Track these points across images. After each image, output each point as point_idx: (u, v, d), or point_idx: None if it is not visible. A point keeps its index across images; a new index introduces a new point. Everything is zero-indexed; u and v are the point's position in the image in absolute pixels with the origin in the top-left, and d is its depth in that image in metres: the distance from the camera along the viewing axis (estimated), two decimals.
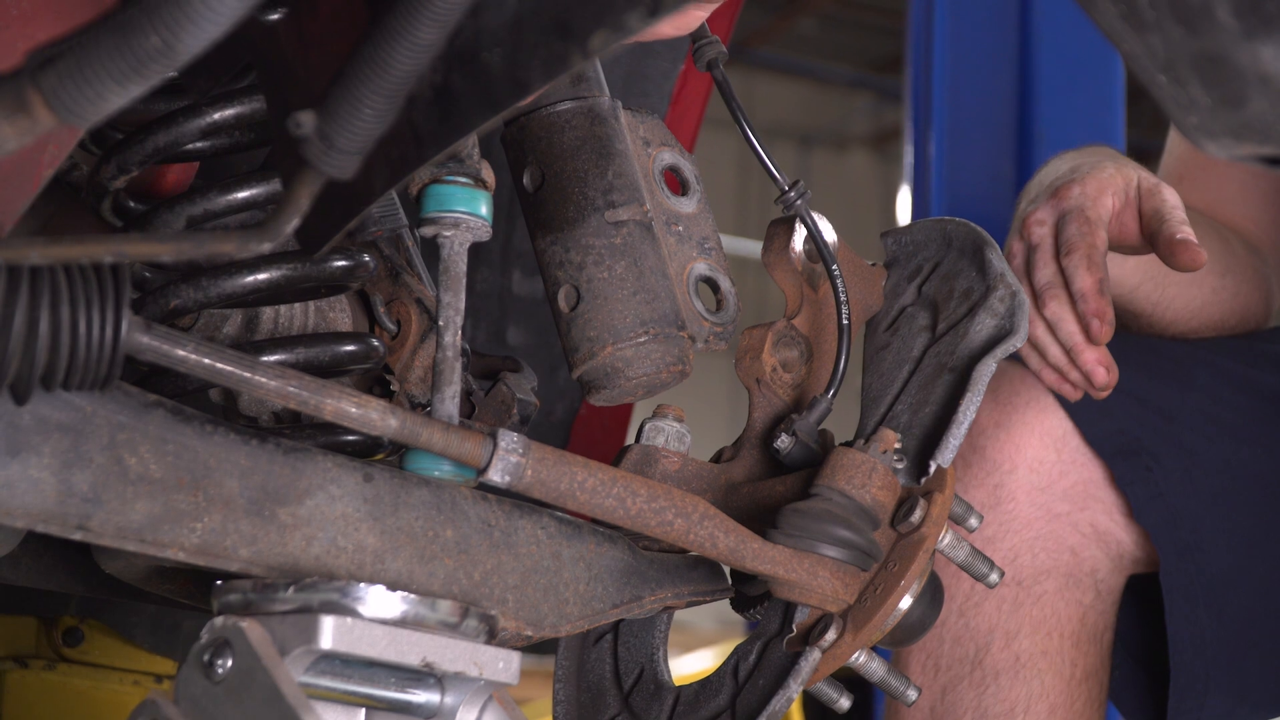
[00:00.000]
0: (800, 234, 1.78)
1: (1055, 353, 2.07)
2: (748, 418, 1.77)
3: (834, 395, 1.70)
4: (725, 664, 1.70)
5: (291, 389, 1.31)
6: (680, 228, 1.71)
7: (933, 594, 1.65)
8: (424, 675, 1.37)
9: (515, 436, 1.40)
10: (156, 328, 1.25)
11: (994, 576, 1.70)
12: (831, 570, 1.57)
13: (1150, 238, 2.05)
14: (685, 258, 1.70)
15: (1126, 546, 2.21)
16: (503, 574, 1.48)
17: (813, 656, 1.60)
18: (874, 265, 1.86)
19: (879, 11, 14.64)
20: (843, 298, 1.72)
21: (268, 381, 1.30)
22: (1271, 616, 2.17)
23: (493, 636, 1.41)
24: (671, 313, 1.64)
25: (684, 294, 1.68)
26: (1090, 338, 2.02)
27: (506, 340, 2.40)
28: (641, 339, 1.61)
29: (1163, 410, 2.24)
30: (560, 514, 1.54)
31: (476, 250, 1.65)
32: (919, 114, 4.04)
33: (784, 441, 1.68)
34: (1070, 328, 2.04)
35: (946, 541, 1.64)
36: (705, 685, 1.70)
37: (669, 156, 1.74)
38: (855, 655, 1.62)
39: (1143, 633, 2.27)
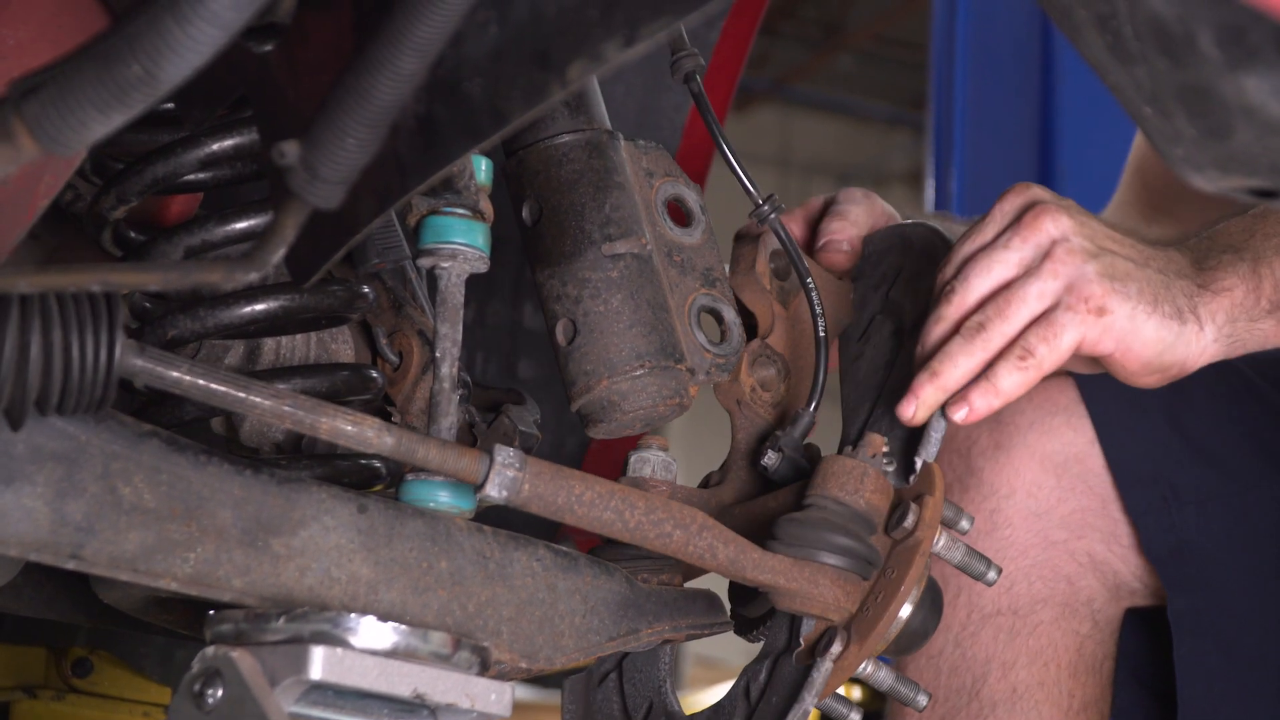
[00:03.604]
0: (765, 252, 1.79)
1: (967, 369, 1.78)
2: (732, 440, 1.77)
3: (816, 408, 1.71)
4: (735, 687, 1.69)
5: (286, 408, 1.30)
6: (682, 259, 1.71)
7: (932, 600, 1.66)
8: (416, 707, 1.37)
9: (511, 451, 1.40)
10: (150, 350, 1.25)
11: (992, 574, 1.70)
12: (832, 578, 1.57)
13: None
14: (688, 289, 1.70)
15: (1124, 577, 2.18)
16: (497, 606, 1.47)
17: (825, 666, 1.59)
18: (840, 279, 1.86)
19: (917, 48, 14.65)
20: (818, 310, 1.72)
21: (263, 401, 1.29)
22: None
23: (485, 668, 1.40)
24: (670, 345, 1.64)
25: (685, 326, 1.68)
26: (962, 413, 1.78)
27: (518, 373, 2.39)
28: (638, 372, 1.61)
29: (1189, 439, 2.21)
30: (556, 546, 1.54)
31: (488, 283, 1.65)
32: (940, 151, 4.04)
33: (771, 458, 1.69)
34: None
35: (942, 543, 1.65)
36: (717, 711, 1.70)
37: (672, 188, 1.74)
38: (862, 666, 1.62)
39: (1155, 663, 2.25)
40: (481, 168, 1.53)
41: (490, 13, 1.06)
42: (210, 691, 1.28)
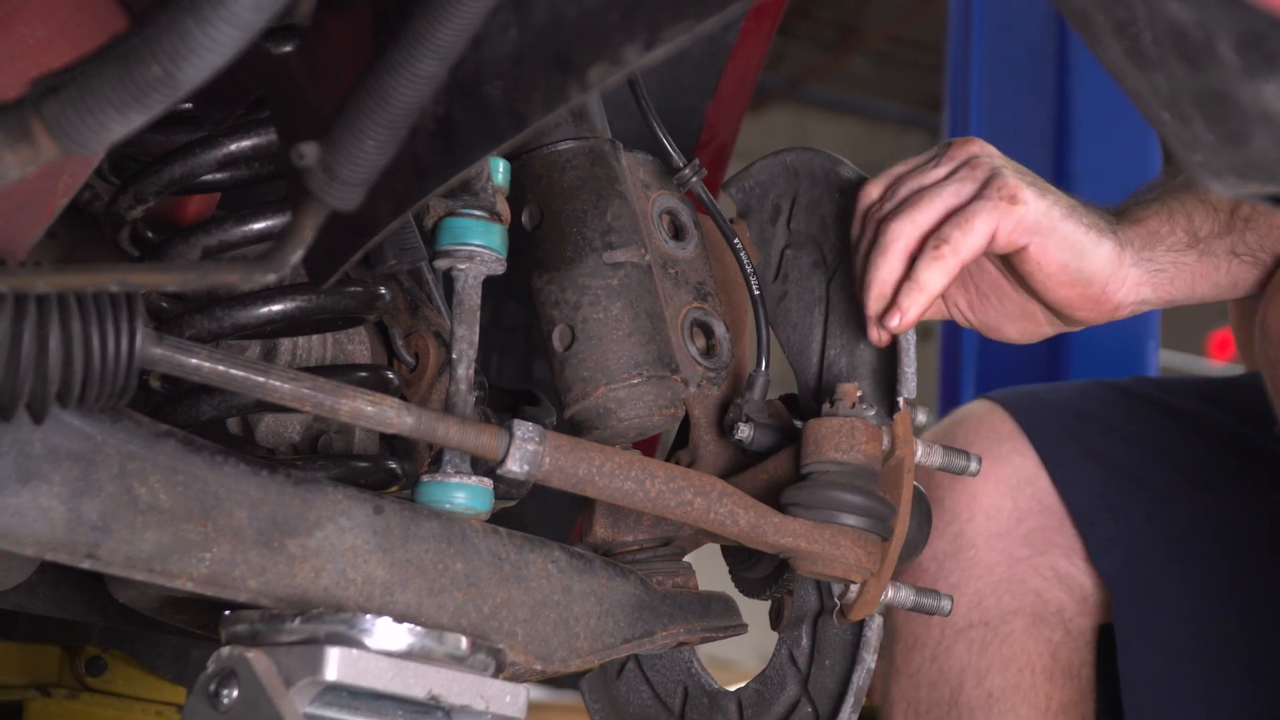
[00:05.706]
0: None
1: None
2: (690, 419, 1.76)
3: (767, 367, 1.71)
4: (777, 656, 1.71)
5: (306, 391, 1.31)
6: (676, 271, 1.71)
7: (922, 510, 1.68)
8: (431, 708, 1.37)
9: (530, 426, 1.40)
10: (168, 338, 1.26)
11: (974, 465, 1.73)
12: (853, 539, 1.58)
13: None
14: (681, 302, 1.71)
15: (1089, 589, 2.27)
16: (513, 608, 1.47)
17: (876, 622, 1.63)
18: (732, 222, 1.85)
19: (931, 50, 14.65)
20: (749, 270, 1.73)
21: (282, 385, 1.30)
22: (1230, 669, 2.18)
23: (500, 670, 1.40)
24: (666, 355, 1.64)
25: (679, 338, 1.68)
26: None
27: (533, 375, 2.39)
28: (635, 380, 1.61)
29: (1134, 452, 2.27)
30: (571, 548, 1.54)
31: (505, 285, 1.65)
32: None
33: (744, 431, 1.69)
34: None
35: (920, 452, 1.67)
36: (765, 681, 1.71)
37: (667, 201, 1.74)
38: (882, 593, 1.64)
39: (1111, 675, 2.29)
40: (499, 170, 1.54)
41: (511, 15, 1.06)
42: (225, 692, 1.28)
